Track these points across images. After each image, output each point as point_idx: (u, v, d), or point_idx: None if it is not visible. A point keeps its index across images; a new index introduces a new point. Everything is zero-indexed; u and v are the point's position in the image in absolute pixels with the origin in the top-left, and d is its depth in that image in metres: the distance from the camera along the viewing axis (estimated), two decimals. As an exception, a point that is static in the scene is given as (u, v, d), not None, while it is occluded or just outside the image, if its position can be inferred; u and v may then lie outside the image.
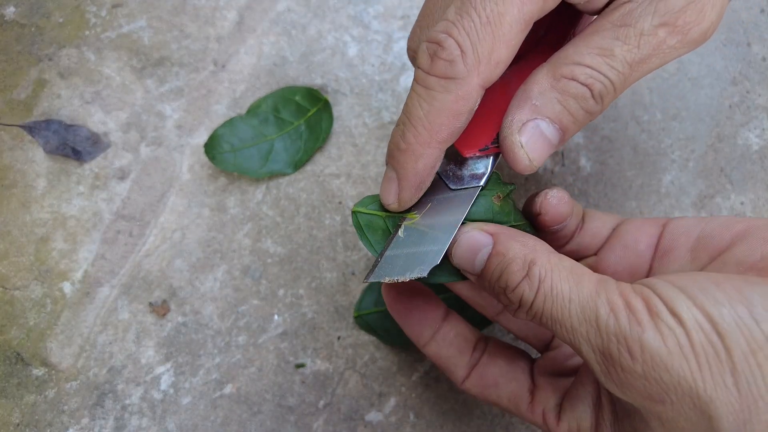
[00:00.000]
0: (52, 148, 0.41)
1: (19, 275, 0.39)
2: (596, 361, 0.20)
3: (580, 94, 0.23)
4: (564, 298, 0.20)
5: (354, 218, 0.28)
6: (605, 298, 0.20)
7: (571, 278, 0.21)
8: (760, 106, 0.44)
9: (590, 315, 0.20)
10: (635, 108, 0.43)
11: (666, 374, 0.18)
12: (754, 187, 0.42)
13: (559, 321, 0.20)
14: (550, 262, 0.22)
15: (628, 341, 0.18)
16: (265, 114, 0.41)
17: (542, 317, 0.21)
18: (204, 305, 0.38)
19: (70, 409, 0.36)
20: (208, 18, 0.45)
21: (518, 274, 0.22)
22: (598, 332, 0.19)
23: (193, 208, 0.41)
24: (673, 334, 0.18)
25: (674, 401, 0.18)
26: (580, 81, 0.23)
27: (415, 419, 0.37)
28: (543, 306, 0.21)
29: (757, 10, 0.46)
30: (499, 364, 0.28)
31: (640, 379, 0.18)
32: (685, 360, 0.18)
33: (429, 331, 0.29)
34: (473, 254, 0.24)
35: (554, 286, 0.21)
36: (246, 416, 0.36)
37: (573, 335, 0.20)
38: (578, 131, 0.25)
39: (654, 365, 0.18)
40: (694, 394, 0.18)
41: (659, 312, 0.19)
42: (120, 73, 0.43)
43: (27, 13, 0.44)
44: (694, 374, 0.18)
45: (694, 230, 0.26)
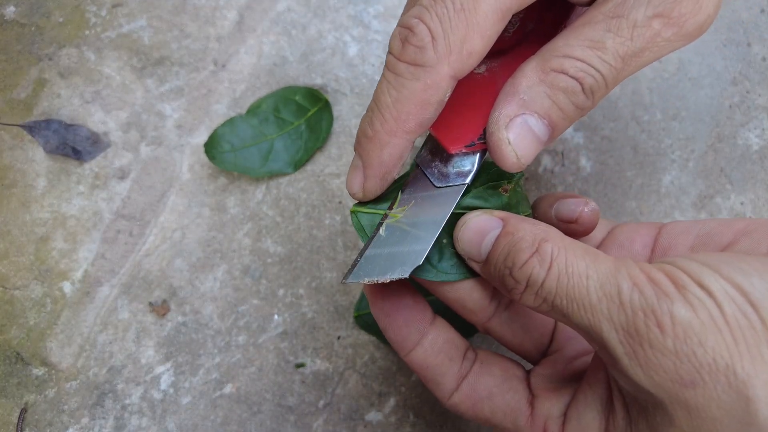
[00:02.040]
0: (52, 148, 0.41)
1: (19, 275, 0.39)
2: (619, 341, 0.18)
3: (570, 88, 0.22)
4: (581, 274, 0.19)
5: (353, 218, 0.27)
6: (626, 273, 0.18)
7: (587, 256, 0.19)
8: (760, 106, 0.44)
9: (611, 291, 0.18)
10: (635, 108, 0.43)
11: (700, 349, 0.16)
12: (754, 187, 0.42)
13: (576, 299, 0.19)
14: (563, 241, 0.20)
15: (657, 314, 0.17)
16: (266, 114, 0.41)
17: (555, 297, 0.19)
18: (204, 305, 0.38)
19: (70, 408, 0.36)
20: (209, 18, 0.45)
21: (527, 250, 0.20)
22: (622, 308, 0.18)
23: (193, 207, 0.40)
24: (704, 306, 0.16)
25: (707, 383, 0.17)
26: (570, 74, 0.22)
27: (415, 419, 0.37)
28: (557, 284, 0.19)
29: (758, 10, 0.46)
30: (493, 373, 0.26)
31: (671, 357, 0.17)
32: (720, 333, 0.16)
33: (415, 336, 0.26)
34: (480, 238, 0.23)
35: (569, 263, 0.19)
36: (246, 416, 0.36)
37: (592, 315, 0.18)
38: (568, 127, 0.24)
39: (687, 339, 0.16)
40: (731, 372, 0.16)
41: (686, 284, 0.17)
42: (120, 72, 0.43)
43: (27, 12, 0.44)
44: (730, 349, 0.16)
45: (692, 230, 0.25)
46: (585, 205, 0.25)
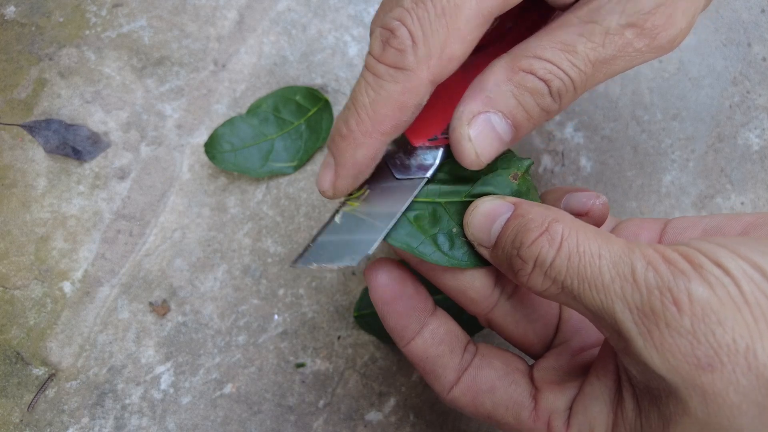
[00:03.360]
0: (52, 148, 0.41)
1: (20, 275, 0.39)
2: (633, 322, 0.17)
3: (537, 89, 0.22)
4: (593, 254, 0.18)
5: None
6: (640, 253, 0.18)
7: (599, 237, 0.19)
8: (760, 106, 0.44)
9: (624, 270, 0.17)
10: (635, 108, 0.43)
11: (719, 329, 0.16)
12: (754, 187, 0.42)
13: (588, 279, 0.18)
14: (574, 222, 0.20)
15: (673, 292, 0.16)
16: (266, 113, 0.41)
17: (566, 277, 0.19)
18: (204, 305, 0.38)
19: (70, 408, 0.36)
20: (209, 17, 0.45)
21: (535, 230, 0.20)
22: (636, 287, 0.17)
23: (194, 207, 0.40)
24: (722, 284, 0.16)
25: (725, 365, 0.16)
26: (538, 75, 0.21)
27: (415, 419, 0.37)
28: (567, 264, 0.19)
29: (758, 10, 0.46)
30: (494, 366, 0.25)
31: (688, 337, 0.16)
32: (739, 312, 0.16)
33: (415, 325, 0.25)
34: (491, 222, 0.22)
35: (581, 243, 0.19)
36: (246, 416, 0.36)
37: (605, 294, 0.18)
38: (532, 130, 0.24)
39: (705, 318, 0.16)
40: (751, 354, 0.15)
41: (702, 264, 0.16)
42: (120, 72, 0.43)
43: (27, 12, 0.44)
44: (751, 329, 0.15)
45: (699, 225, 0.25)
46: (596, 198, 0.24)
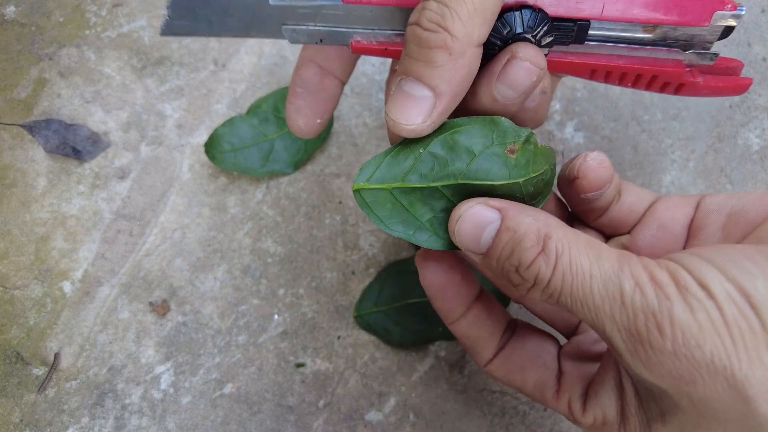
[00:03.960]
0: (52, 148, 0.41)
1: (20, 274, 0.39)
2: (621, 340, 0.18)
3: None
4: (585, 273, 0.19)
5: (357, 197, 0.24)
6: (629, 272, 0.18)
7: (590, 252, 0.19)
8: (760, 106, 0.44)
9: (614, 291, 0.18)
10: (636, 108, 0.43)
11: (698, 351, 0.16)
12: (754, 187, 0.42)
13: (580, 299, 0.19)
14: (566, 236, 0.20)
15: (657, 317, 0.17)
16: (266, 113, 0.41)
17: (560, 296, 0.19)
18: (204, 305, 0.38)
19: (70, 408, 0.36)
20: (209, 17, 0.45)
21: (533, 249, 0.20)
22: (623, 309, 0.18)
23: (194, 207, 0.40)
24: (704, 308, 0.16)
25: (706, 381, 0.17)
26: None
27: (415, 419, 0.37)
28: (561, 283, 0.19)
29: (758, 10, 0.46)
30: (527, 348, 0.27)
31: (670, 358, 0.17)
32: (718, 336, 0.16)
33: (461, 309, 0.26)
34: (479, 231, 0.22)
35: (573, 261, 0.19)
36: (246, 416, 0.36)
37: (596, 314, 0.18)
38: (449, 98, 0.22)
39: (685, 342, 0.17)
40: (729, 373, 0.16)
41: (687, 285, 0.17)
42: (120, 72, 0.43)
43: (27, 12, 0.44)
44: (728, 351, 0.16)
45: (726, 206, 0.24)
46: (584, 157, 0.24)
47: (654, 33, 0.24)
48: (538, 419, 0.37)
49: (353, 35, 0.24)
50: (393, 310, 0.37)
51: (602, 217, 0.27)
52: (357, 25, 0.24)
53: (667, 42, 0.24)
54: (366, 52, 0.25)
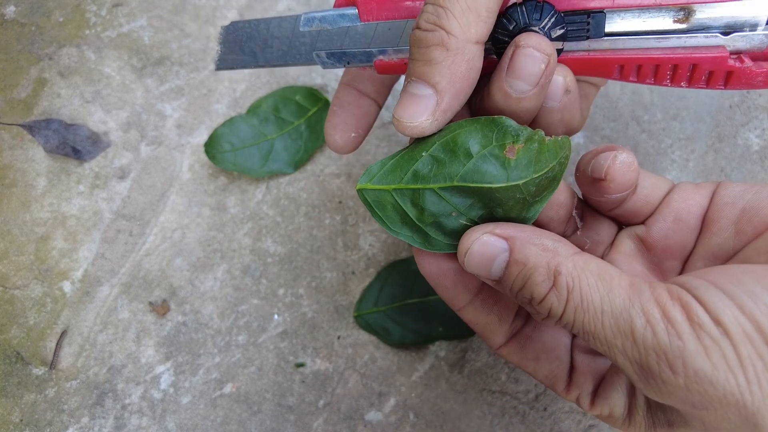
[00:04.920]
0: (52, 147, 0.41)
1: (19, 274, 0.39)
2: (634, 372, 0.18)
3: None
4: (596, 309, 0.19)
5: (361, 195, 0.25)
6: (640, 307, 0.18)
7: (601, 285, 0.19)
8: (760, 106, 0.44)
9: (625, 327, 0.18)
10: (636, 108, 0.43)
11: (711, 388, 0.17)
12: (754, 188, 0.42)
13: (592, 333, 0.19)
14: (576, 268, 0.20)
15: (669, 357, 0.17)
16: (266, 113, 0.41)
17: (573, 328, 0.20)
18: (204, 305, 0.38)
19: (70, 408, 0.36)
20: (209, 17, 0.45)
21: (544, 285, 0.20)
22: (635, 346, 0.18)
23: (194, 207, 0.40)
24: (718, 347, 0.17)
25: (718, 410, 0.17)
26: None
27: (415, 419, 0.37)
28: (573, 318, 0.19)
29: (758, 10, 0.46)
30: (542, 339, 0.26)
31: (683, 391, 0.17)
32: (732, 374, 0.17)
33: (466, 296, 0.26)
34: (489, 262, 0.22)
35: (584, 297, 0.19)
36: (246, 415, 0.36)
37: (608, 347, 0.19)
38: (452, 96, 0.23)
39: (697, 380, 0.17)
40: (741, 405, 0.17)
41: (701, 322, 0.17)
42: (120, 72, 0.43)
43: (27, 12, 0.44)
44: (742, 388, 0.17)
45: (741, 200, 0.24)
46: (613, 159, 0.23)
47: (687, 21, 0.21)
48: (538, 419, 0.37)
49: (377, 55, 0.25)
50: (393, 310, 0.37)
51: (618, 208, 0.26)
52: (379, 45, 0.25)
53: (704, 28, 0.21)
54: (390, 70, 0.25)
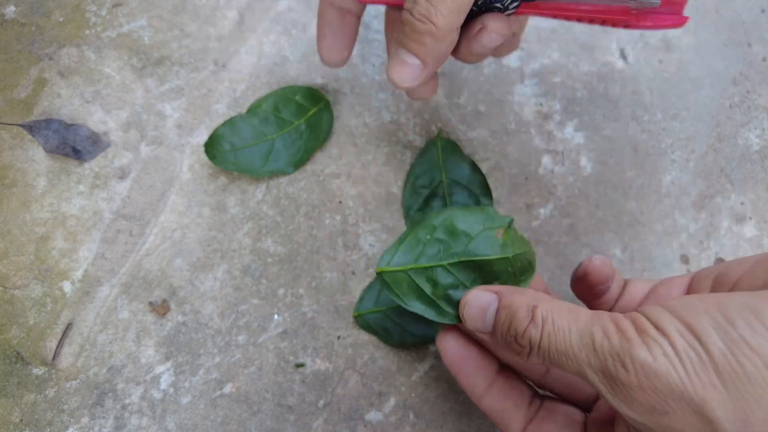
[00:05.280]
0: (52, 147, 0.41)
1: (19, 274, 0.39)
2: (600, 381, 0.21)
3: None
4: (565, 330, 0.22)
5: (379, 278, 0.30)
6: (599, 325, 0.22)
7: (569, 315, 0.23)
8: (760, 106, 0.44)
9: (587, 341, 0.22)
10: (636, 108, 0.43)
11: (657, 381, 0.19)
12: (754, 188, 0.42)
13: (564, 352, 0.22)
14: (550, 306, 0.24)
15: (621, 356, 0.20)
16: (266, 113, 0.41)
17: (550, 353, 0.23)
18: (204, 304, 0.38)
19: (70, 408, 0.36)
20: (209, 17, 0.45)
21: (525, 319, 0.24)
22: (596, 354, 0.21)
23: (194, 207, 0.41)
24: (659, 345, 0.20)
25: (675, 410, 0.19)
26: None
27: (415, 419, 0.37)
28: (549, 342, 0.23)
29: (758, 10, 0.46)
30: (556, 420, 0.29)
31: (639, 391, 0.20)
32: (672, 365, 0.19)
33: (483, 383, 0.29)
34: (483, 313, 0.26)
35: (556, 323, 0.23)
36: (246, 415, 0.36)
37: (576, 362, 0.22)
38: (433, 63, 0.30)
39: (646, 375, 0.20)
40: (688, 397, 0.19)
41: (646, 329, 0.20)
42: (120, 72, 0.43)
43: (27, 12, 0.44)
44: (682, 377, 0.19)
45: (713, 273, 0.27)
46: (590, 260, 0.30)
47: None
48: (538, 419, 0.37)
49: None
50: (393, 310, 0.37)
51: (611, 310, 0.31)
52: None
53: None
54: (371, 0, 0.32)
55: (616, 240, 0.40)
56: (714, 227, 0.41)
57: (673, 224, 0.41)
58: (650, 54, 0.45)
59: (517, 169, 0.42)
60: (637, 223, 0.41)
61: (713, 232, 0.41)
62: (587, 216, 0.41)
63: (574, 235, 0.40)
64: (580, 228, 0.41)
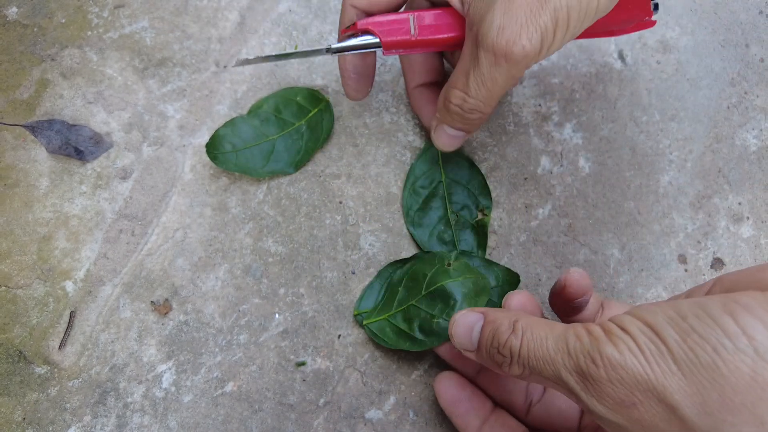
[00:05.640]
0: (54, 148, 0.41)
1: (22, 274, 0.39)
2: (575, 382, 0.23)
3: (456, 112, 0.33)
4: (542, 338, 0.25)
5: (366, 329, 0.37)
6: (572, 331, 0.24)
7: (546, 326, 0.25)
8: (758, 107, 0.44)
9: (562, 345, 0.24)
10: (634, 109, 0.44)
11: (623, 372, 0.21)
12: (751, 188, 0.42)
13: (541, 357, 0.24)
14: (529, 319, 0.26)
15: (591, 354, 0.22)
16: (267, 114, 0.41)
17: (528, 359, 0.25)
18: (205, 304, 0.39)
19: (72, 407, 0.37)
20: (210, 19, 0.45)
21: (507, 331, 0.26)
22: (569, 355, 0.23)
23: (195, 207, 0.41)
24: (623, 342, 0.22)
25: (642, 401, 0.21)
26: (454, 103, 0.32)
27: (415, 417, 0.37)
28: (528, 350, 0.25)
29: (756, 11, 0.46)
30: None
31: (608, 385, 0.22)
32: (635, 357, 0.21)
33: (477, 421, 0.33)
34: (469, 330, 0.28)
35: (534, 332, 0.25)
36: (247, 414, 0.37)
37: (553, 365, 0.24)
38: (478, 128, 0.36)
39: (612, 368, 0.22)
40: (651, 387, 0.21)
41: (612, 330, 0.23)
42: (122, 73, 0.43)
43: (29, 13, 0.45)
44: (645, 368, 0.21)
45: (704, 289, 0.29)
46: (567, 273, 0.31)
47: None
48: (537, 418, 0.37)
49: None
50: (393, 316, 0.38)
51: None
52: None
53: None
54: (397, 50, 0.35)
55: (615, 240, 0.41)
56: (712, 227, 0.41)
57: (671, 224, 0.41)
58: (648, 55, 0.45)
59: (515, 170, 0.42)
60: (635, 223, 0.41)
61: (711, 232, 0.41)
62: (585, 216, 0.41)
63: (572, 235, 0.41)
64: (579, 228, 0.41)
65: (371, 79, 0.38)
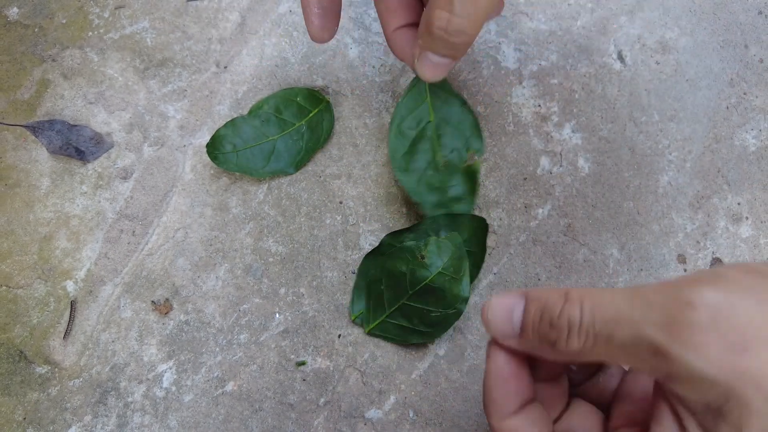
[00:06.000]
0: (55, 148, 0.41)
1: (23, 274, 0.39)
2: (664, 337, 0.20)
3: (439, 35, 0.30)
4: (608, 300, 0.21)
5: (372, 334, 0.38)
6: (643, 288, 0.21)
7: (604, 291, 0.22)
8: (757, 107, 0.44)
9: (639, 301, 0.20)
10: (633, 109, 0.44)
11: (732, 311, 0.19)
12: (750, 188, 0.42)
13: (614, 318, 0.21)
14: (582, 289, 0.22)
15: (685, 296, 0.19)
16: (267, 115, 0.41)
17: (595, 326, 0.21)
18: (206, 304, 0.39)
19: (73, 406, 0.37)
20: (211, 19, 0.45)
21: (559, 302, 0.22)
22: (652, 308, 0.20)
23: (196, 207, 0.41)
24: (726, 281, 0.19)
25: (758, 345, 0.18)
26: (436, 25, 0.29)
27: (415, 417, 0.37)
28: (593, 315, 0.21)
29: (755, 12, 0.46)
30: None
31: (712, 329, 0.19)
32: (744, 298, 0.19)
33: (514, 405, 0.26)
34: (509, 313, 0.24)
35: (594, 297, 0.22)
36: (247, 413, 0.37)
37: (631, 325, 0.20)
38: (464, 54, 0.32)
39: (720, 310, 0.19)
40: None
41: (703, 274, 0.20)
42: (123, 73, 0.44)
43: (30, 13, 0.45)
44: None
45: None
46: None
47: None
48: (537, 417, 0.37)
49: None
50: (391, 315, 0.38)
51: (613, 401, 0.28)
52: None
53: None
54: None
55: (614, 240, 0.41)
56: (711, 227, 0.41)
57: (670, 224, 0.41)
58: (647, 56, 0.45)
59: (515, 170, 0.42)
60: (635, 223, 0.41)
61: (710, 232, 0.41)
62: (585, 216, 0.41)
63: (572, 235, 0.41)
64: (578, 228, 0.41)
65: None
